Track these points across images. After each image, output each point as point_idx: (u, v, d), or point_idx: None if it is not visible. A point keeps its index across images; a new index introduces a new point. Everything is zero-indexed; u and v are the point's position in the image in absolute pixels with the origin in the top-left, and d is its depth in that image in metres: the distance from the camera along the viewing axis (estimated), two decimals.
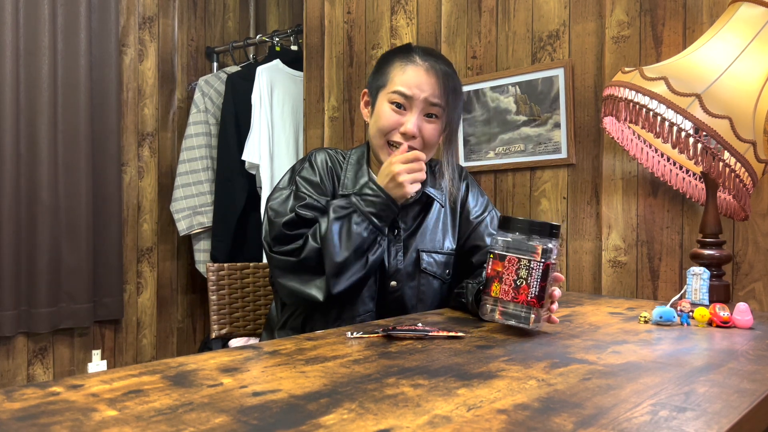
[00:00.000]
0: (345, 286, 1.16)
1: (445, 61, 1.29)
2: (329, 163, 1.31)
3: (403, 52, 1.27)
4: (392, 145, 1.24)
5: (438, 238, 1.31)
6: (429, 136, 1.24)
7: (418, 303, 1.28)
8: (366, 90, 1.34)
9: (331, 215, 1.16)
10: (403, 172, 1.17)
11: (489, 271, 0.96)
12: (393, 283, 1.25)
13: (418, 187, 1.19)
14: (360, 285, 1.19)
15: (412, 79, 1.22)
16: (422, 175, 1.19)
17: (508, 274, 0.94)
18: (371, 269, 1.19)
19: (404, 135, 1.22)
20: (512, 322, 0.94)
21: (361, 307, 1.22)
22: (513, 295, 0.93)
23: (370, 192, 1.19)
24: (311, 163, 1.30)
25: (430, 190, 1.31)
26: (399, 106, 1.23)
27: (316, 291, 1.16)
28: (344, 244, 1.15)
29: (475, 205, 1.38)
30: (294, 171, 1.31)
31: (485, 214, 1.37)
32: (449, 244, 1.33)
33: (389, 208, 1.18)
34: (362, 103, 1.36)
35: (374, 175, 1.30)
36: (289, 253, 1.18)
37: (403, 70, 1.24)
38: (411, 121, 1.21)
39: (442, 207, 1.33)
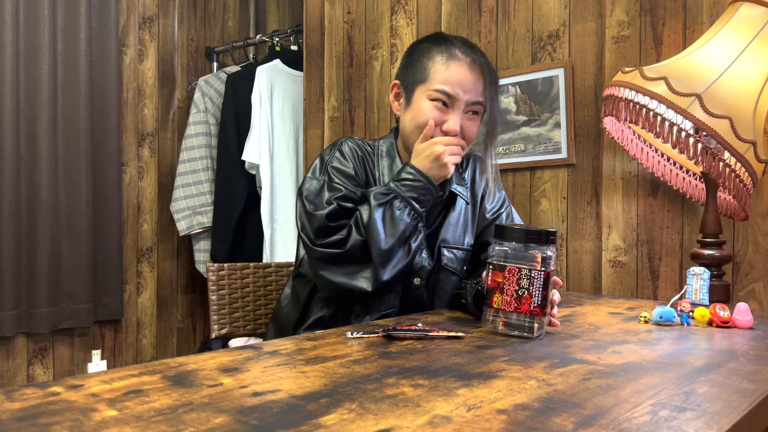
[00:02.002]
0: (392, 275, 1.14)
1: (481, 51, 1.25)
2: (359, 153, 1.28)
3: (442, 44, 1.22)
4: None
5: (459, 233, 1.30)
6: (471, 134, 1.23)
7: (435, 298, 1.27)
8: (397, 82, 1.29)
9: (373, 202, 1.14)
10: (446, 152, 1.16)
11: (489, 282, 0.95)
12: (416, 280, 1.23)
13: (453, 169, 1.19)
14: (403, 273, 1.17)
15: (455, 77, 1.18)
16: (459, 159, 1.19)
17: (509, 285, 0.93)
18: (414, 256, 1.18)
19: (445, 133, 1.20)
20: (516, 333, 0.93)
21: (386, 303, 1.21)
22: (515, 305, 0.93)
23: (409, 177, 1.17)
24: (342, 153, 1.26)
25: (455, 187, 1.30)
26: (442, 102, 1.19)
27: (364, 282, 1.14)
28: (389, 231, 1.13)
29: (492, 200, 1.36)
30: (324, 161, 1.26)
31: (502, 210, 1.36)
32: (469, 239, 1.32)
33: (429, 191, 1.17)
34: (391, 95, 1.30)
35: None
36: (333, 244, 1.15)
37: (446, 66, 1.19)
38: (454, 120, 1.19)
39: (467, 204, 1.32)
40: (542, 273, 0.91)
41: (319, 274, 1.17)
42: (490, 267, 0.95)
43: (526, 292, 0.92)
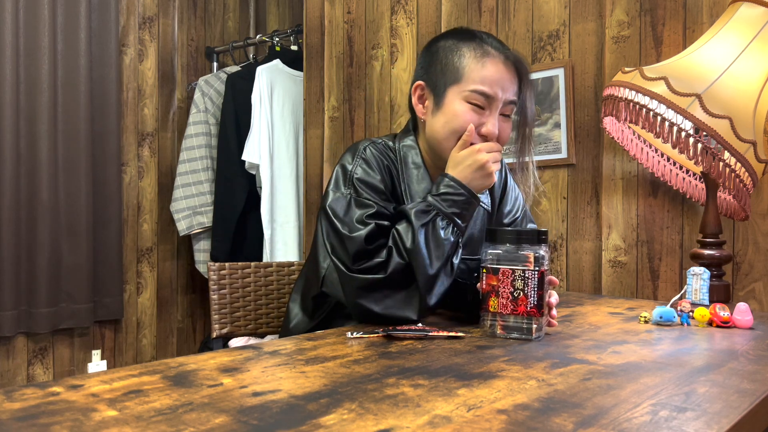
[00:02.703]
0: (437, 299, 1.06)
1: (510, 48, 1.18)
2: (384, 161, 1.17)
3: (472, 40, 1.13)
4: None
5: (476, 244, 1.24)
6: (506, 136, 1.15)
7: (443, 308, 1.20)
8: (421, 83, 1.18)
9: (415, 223, 1.04)
10: (491, 160, 1.08)
11: (484, 286, 0.95)
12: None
13: (496, 178, 1.12)
14: (446, 295, 1.09)
15: (493, 75, 1.10)
16: (499, 166, 1.12)
17: (504, 287, 0.93)
18: (454, 274, 1.09)
19: (484, 137, 1.12)
20: (515, 335, 0.93)
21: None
22: (512, 307, 0.93)
23: (450, 190, 1.07)
24: (366, 162, 1.15)
25: (482, 199, 1.23)
26: (478, 105, 1.11)
27: (410, 311, 1.03)
28: (434, 254, 1.04)
29: (509, 203, 1.32)
30: (347, 172, 1.15)
31: (518, 213, 1.32)
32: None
33: (471, 204, 1.09)
34: (414, 98, 1.20)
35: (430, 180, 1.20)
36: (373, 269, 1.04)
37: (481, 64, 1.11)
38: (493, 123, 1.11)
39: (489, 213, 1.27)
40: (536, 273, 0.91)
41: (357, 303, 1.05)
42: (484, 271, 0.95)
43: (521, 293, 0.92)
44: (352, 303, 1.06)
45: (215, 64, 3.21)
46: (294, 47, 2.91)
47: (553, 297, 0.99)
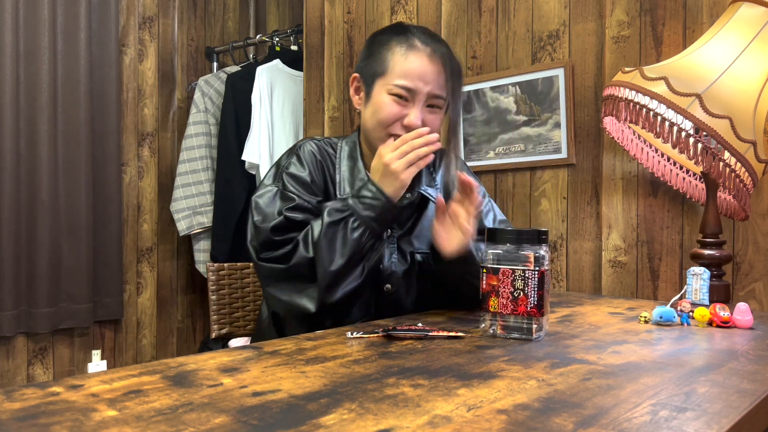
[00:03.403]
0: (340, 296, 1.08)
1: (443, 41, 1.20)
2: (318, 156, 1.21)
3: (401, 34, 1.16)
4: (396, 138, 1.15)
5: (431, 237, 1.23)
6: (434, 129, 1.15)
7: (414, 304, 1.23)
8: (356, 75, 1.22)
9: (326, 219, 1.07)
10: (393, 159, 1.08)
11: (484, 286, 0.95)
12: (387, 286, 1.19)
13: (415, 171, 1.09)
14: (355, 293, 1.12)
15: (415, 69, 1.13)
16: (417, 157, 1.08)
17: (504, 287, 0.93)
18: (368, 277, 1.12)
19: (407, 128, 1.13)
20: (515, 335, 0.93)
21: (357, 312, 1.17)
22: (512, 307, 0.93)
23: (368, 194, 1.09)
24: (299, 158, 1.20)
25: (426, 189, 1.23)
26: (400, 97, 1.14)
27: (308, 301, 1.08)
28: (339, 251, 1.06)
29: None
30: (280, 166, 1.21)
31: (482, 207, 1.28)
32: None
33: (388, 210, 1.09)
34: (352, 89, 1.24)
35: (368, 173, 1.22)
36: (277, 259, 1.09)
37: (404, 58, 1.14)
38: (415, 115, 1.13)
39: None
40: (536, 273, 0.91)
41: (266, 290, 1.12)
42: (484, 271, 0.95)
43: (521, 293, 0.92)
44: (263, 290, 1.14)
45: (215, 64, 3.21)
46: (294, 47, 2.91)
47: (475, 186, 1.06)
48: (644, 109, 1.28)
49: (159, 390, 0.63)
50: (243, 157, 2.69)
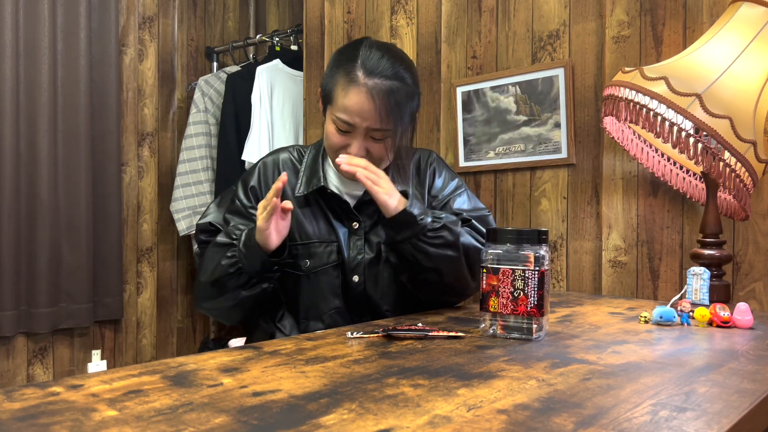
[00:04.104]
0: (207, 308, 1.26)
1: (395, 67, 1.17)
2: (279, 164, 1.31)
3: (349, 61, 1.17)
4: None
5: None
6: (379, 155, 1.20)
7: (384, 296, 1.25)
8: (320, 89, 1.26)
9: (217, 238, 1.21)
10: (258, 208, 1.14)
11: (484, 286, 0.95)
12: (355, 278, 1.23)
13: (267, 217, 1.11)
14: (243, 307, 1.21)
15: (353, 105, 1.14)
16: (267, 202, 1.11)
17: (504, 287, 0.93)
18: (245, 302, 1.18)
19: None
20: (515, 335, 0.93)
21: (326, 304, 1.22)
22: (512, 307, 0.93)
23: (251, 235, 1.15)
24: (255, 166, 1.32)
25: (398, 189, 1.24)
26: (343, 130, 1.18)
27: (198, 300, 1.27)
28: (210, 270, 1.19)
29: (443, 187, 1.32)
30: (243, 175, 1.33)
31: (454, 193, 1.31)
32: None
33: (256, 256, 1.14)
34: (320, 102, 1.27)
35: (329, 171, 1.29)
36: (199, 255, 1.29)
37: (345, 92, 1.16)
38: (356, 146, 1.18)
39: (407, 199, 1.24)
40: (536, 273, 0.91)
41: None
42: (484, 270, 0.95)
43: (521, 293, 0.92)
44: None
45: (215, 64, 3.21)
46: (294, 47, 2.91)
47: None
48: (644, 109, 1.28)
49: (159, 390, 0.63)
50: (243, 157, 2.69)
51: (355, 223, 1.25)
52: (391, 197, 1.12)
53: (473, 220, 1.24)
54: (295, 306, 1.25)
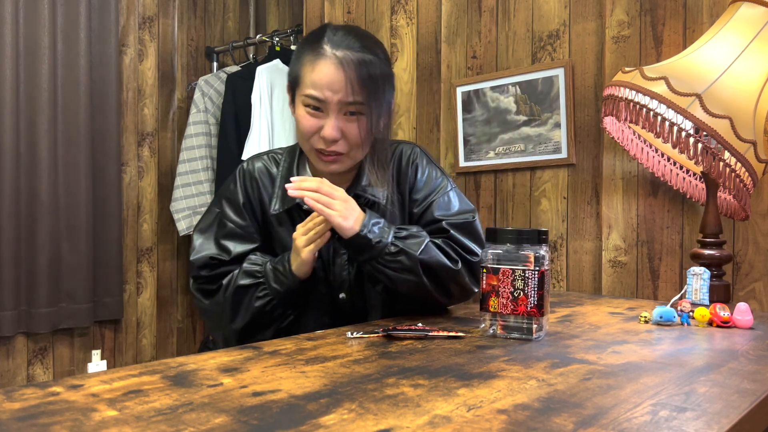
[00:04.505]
0: (245, 335, 1.15)
1: (364, 42, 1.10)
2: (257, 176, 1.21)
3: (314, 41, 1.10)
4: (320, 152, 1.12)
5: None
6: (354, 136, 1.10)
7: (373, 309, 1.19)
8: (288, 84, 1.18)
9: (238, 280, 1.12)
10: (299, 235, 1.09)
11: (484, 286, 0.95)
12: (342, 295, 1.17)
13: (315, 249, 1.08)
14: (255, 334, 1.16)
15: (322, 78, 1.07)
16: (317, 235, 1.07)
17: (504, 287, 0.93)
18: (279, 327, 1.14)
19: (325, 140, 1.09)
20: (515, 335, 0.93)
21: (314, 321, 1.16)
22: (512, 307, 0.93)
23: (281, 268, 1.11)
24: (234, 180, 1.22)
25: (372, 192, 1.17)
26: (315, 108, 1.09)
27: (219, 335, 1.18)
28: (241, 315, 1.12)
29: (425, 185, 1.20)
30: (222, 189, 1.23)
31: (437, 194, 1.19)
32: None
33: (293, 288, 1.10)
34: (288, 100, 1.19)
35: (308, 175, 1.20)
36: (202, 292, 1.16)
37: (312, 67, 1.08)
38: (329, 126, 1.08)
39: (386, 205, 1.18)
40: (536, 273, 0.91)
41: (198, 308, 1.22)
42: (484, 270, 0.95)
43: (521, 293, 0.91)
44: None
45: (215, 64, 3.21)
46: (294, 47, 2.90)
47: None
48: (644, 109, 1.28)
49: (159, 390, 0.63)
50: (243, 157, 2.69)
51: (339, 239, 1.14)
52: (346, 219, 1.04)
53: (452, 230, 1.13)
54: (282, 321, 1.17)
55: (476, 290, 1.12)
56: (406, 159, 1.23)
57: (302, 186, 1.04)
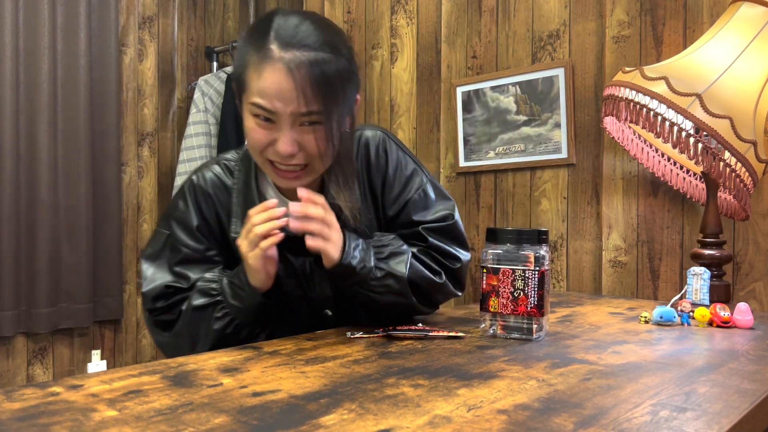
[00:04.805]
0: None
1: (319, 35, 0.91)
2: (211, 191, 1.07)
3: (259, 36, 0.92)
4: (276, 165, 0.96)
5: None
6: (312, 148, 0.94)
7: (361, 321, 1.11)
8: (233, 78, 1.00)
9: (193, 301, 0.99)
10: (240, 242, 0.95)
11: (484, 286, 0.95)
12: (328, 312, 1.08)
13: (260, 253, 0.92)
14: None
15: (270, 86, 0.89)
16: (257, 237, 0.92)
17: (504, 287, 0.93)
18: (228, 336, 1.00)
19: (280, 156, 0.93)
20: (515, 335, 0.93)
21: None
22: (512, 307, 0.93)
23: (237, 281, 0.98)
24: (185, 200, 1.07)
25: (329, 194, 1.03)
26: (266, 119, 0.92)
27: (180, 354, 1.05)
28: (201, 341, 0.99)
29: (397, 175, 1.09)
30: (171, 208, 1.09)
31: (413, 191, 1.08)
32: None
33: (253, 303, 0.97)
34: (236, 94, 1.00)
35: (268, 194, 1.07)
36: (159, 324, 1.04)
37: (258, 73, 0.90)
38: (283, 141, 0.92)
39: (356, 210, 1.04)
40: (536, 273, 0.91)
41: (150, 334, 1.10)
42: (484, 271, 0.95)
43: (521, 293, 0.91)
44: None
45: (215, 63, 3.21)
46: None
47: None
48: (644, 109, 1.28)
49: (159, 390, 0.63)
50: None
51: (315, 257, 1.00)
52: (327, 242, 0.93)
53: (431, 237, 1.04)
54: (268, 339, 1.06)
55: (460, 294, 1.10)
56: (375, 149, 1.09)
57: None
